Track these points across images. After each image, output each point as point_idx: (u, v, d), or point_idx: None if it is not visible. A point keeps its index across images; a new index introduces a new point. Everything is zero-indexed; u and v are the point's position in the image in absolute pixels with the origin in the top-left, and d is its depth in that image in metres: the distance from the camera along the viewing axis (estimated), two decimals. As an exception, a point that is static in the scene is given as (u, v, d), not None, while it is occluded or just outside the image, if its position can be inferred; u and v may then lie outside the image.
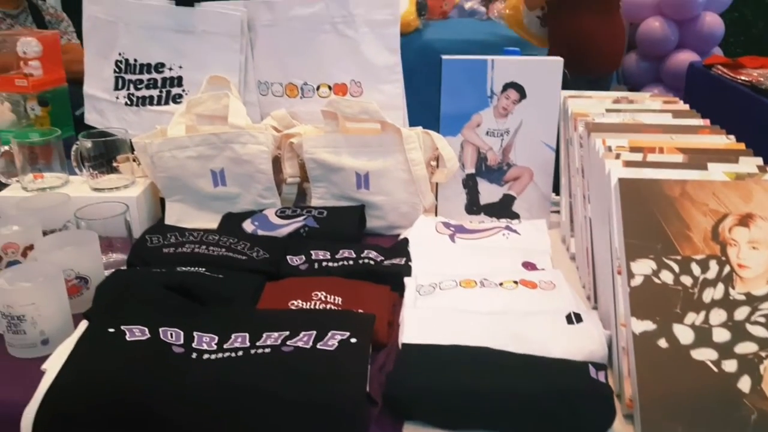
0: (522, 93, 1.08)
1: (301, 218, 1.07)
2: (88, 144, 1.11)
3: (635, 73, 3.48)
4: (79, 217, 0.96)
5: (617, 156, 0.83)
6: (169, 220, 1.13)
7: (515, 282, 0.87)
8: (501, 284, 0.87)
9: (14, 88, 1.23)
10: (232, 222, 1.09)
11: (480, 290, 0.86)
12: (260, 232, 1.06)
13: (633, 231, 0.72)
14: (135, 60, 1.23)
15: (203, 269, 0.91)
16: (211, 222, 1.12)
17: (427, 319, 0.79)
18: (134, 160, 1.14)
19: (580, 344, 0.74)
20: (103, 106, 1.29)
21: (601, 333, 0.75)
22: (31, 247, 0.90)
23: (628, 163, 0.80)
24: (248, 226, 1.07)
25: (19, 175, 1.12)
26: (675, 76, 3.28)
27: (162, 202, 1.17)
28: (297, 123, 1.19)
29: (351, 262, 0.95)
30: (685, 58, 3.24)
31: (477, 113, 1.09)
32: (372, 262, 0.94)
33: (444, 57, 1.07)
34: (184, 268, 0.91)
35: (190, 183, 1.11)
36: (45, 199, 1.02)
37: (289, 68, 1.19)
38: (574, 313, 0.79)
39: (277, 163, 1.14)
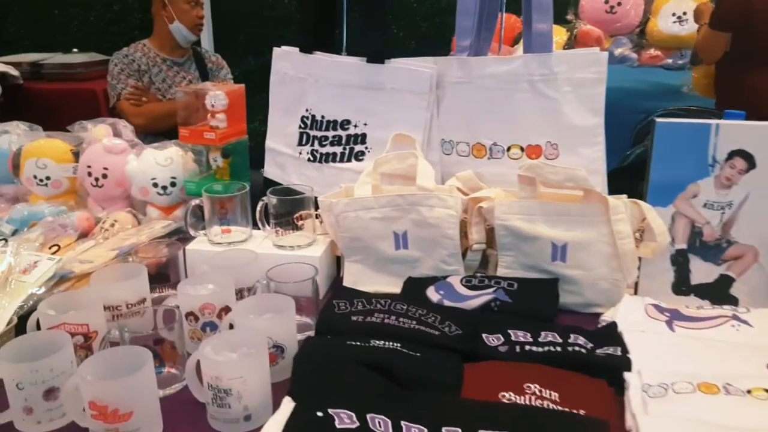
0: (751, 162, 0.95)
1: (491, 290, 1.00)
2: (274, 200, 1.10)
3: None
4: (270, 278, 0.93)
5: None
6: (347, 281, 1.09)
7: (767, 391, 0.74)
8: (749, 392, 0.74)
9: (203, 140, 1.25)
10: (415, 288, 1.03)
11: (725, 398, 0.73)
12: (446, 302, 0.99)
13: None
14: (322, 116, 1.22)
15: (398, 344, 0.85)
16: (388, 285, 1.07)
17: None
18: (317, 218, 1.12)
19: None
20: (285, 161, 1.29)
21: None
22: (226, 309, 0.89)
23: None
24: (433, 294, 1.01)
25: (206, 228, 1.12)
26: None
27: (338, 260, 1.14)
28: (483, 185, 1.12)
29: (558, 348, 0.85)
30: None
31: (694, 183, 0.97)
32: (583, 350, 0.84)
33: (658, 120, 0.97)
34: (378, 342, 0.85)
35: (371, 244, 1.07)
36: (235, 257, 1.01)
37: (478, 127, 1.13)
38: None
39: (460, 227, 1.08)
